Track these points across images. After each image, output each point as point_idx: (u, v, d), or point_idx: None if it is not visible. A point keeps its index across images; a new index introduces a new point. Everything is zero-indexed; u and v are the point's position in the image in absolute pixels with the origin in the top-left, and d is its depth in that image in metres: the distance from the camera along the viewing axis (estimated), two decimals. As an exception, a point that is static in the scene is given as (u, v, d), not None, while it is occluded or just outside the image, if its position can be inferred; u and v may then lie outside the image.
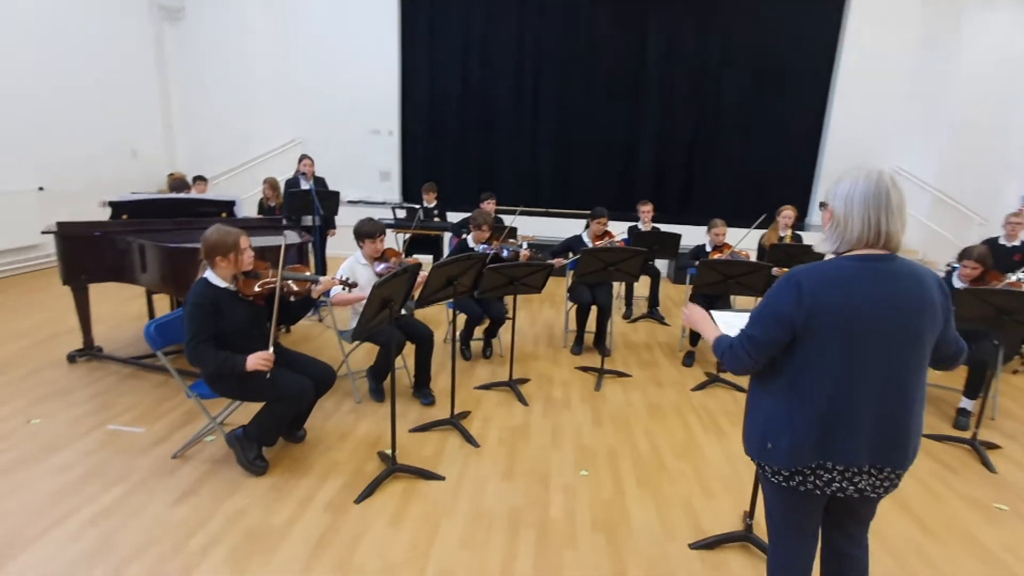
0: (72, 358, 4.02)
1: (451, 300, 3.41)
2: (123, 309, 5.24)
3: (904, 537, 2.56)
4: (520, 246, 4.43)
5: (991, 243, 4.93)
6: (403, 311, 3.63)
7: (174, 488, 2.64)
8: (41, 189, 6.59)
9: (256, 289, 2.66)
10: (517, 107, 8.74)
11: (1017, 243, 4.93)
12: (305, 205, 5.44)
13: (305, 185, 5.66)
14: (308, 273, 2.82)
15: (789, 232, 5.68)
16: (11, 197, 6.25)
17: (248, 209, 7.49)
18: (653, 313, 5.88)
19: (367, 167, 8.93)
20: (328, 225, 6.06)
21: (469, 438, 3.19)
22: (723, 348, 1.63)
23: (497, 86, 8.67)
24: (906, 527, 2.64)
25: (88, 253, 3.76)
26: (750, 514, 2.50)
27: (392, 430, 2.79)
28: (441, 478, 2.81)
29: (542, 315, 5.84)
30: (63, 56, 6.81)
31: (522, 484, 2.81)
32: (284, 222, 4.37)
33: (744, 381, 4.18)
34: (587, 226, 4.96)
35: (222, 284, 2.61)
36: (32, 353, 4.15)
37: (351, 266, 3.49)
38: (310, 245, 4.08)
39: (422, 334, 3.56)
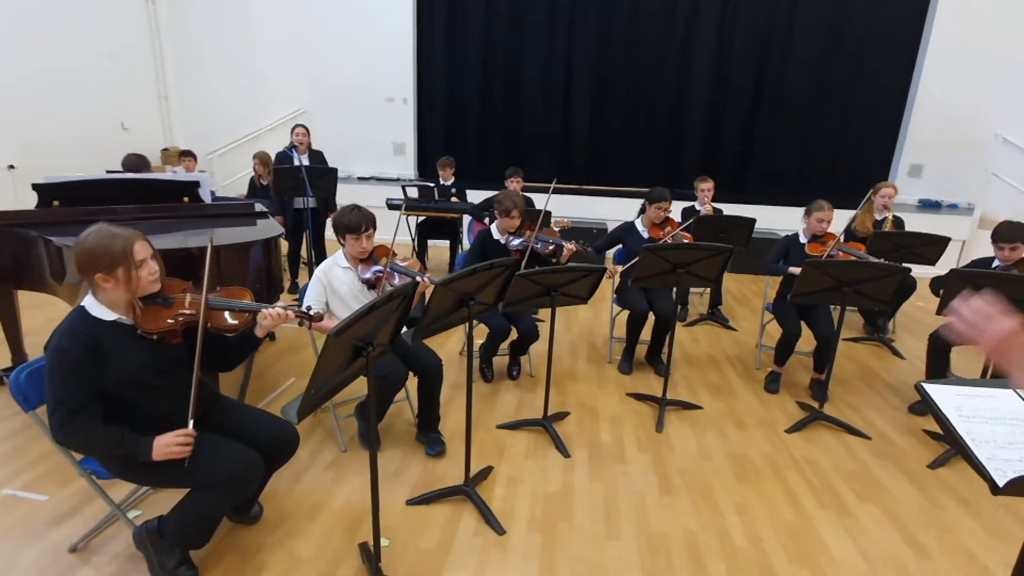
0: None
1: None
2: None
3: None
4: (561, 240, 3.42)
5: None
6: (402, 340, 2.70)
7: (55, 612, 1.80)
8: (12, 167, 5.85)
9: (167, 323, 1.74)
10: (547, 68, 7.59)
11: None
12: (296, 184, 4.53)
13: (297, 160, 4.75)
14: (248, 301, 1.86)
15: (889, 215, 4.58)
16: (-26, 176, 5.52)
17: (239, 188, 6.66)
18: (715, 314, 4.84)
19: (379, 139, 7.98)
20: (327, 208, 5.16)
21: (490, 519, 2.27)
22: None
23: (525, 45, 7.54)
24: None
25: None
26: None
27: (375, 524, 1.89)
28: (447, 596, 1.92)
29: (578, 317, 4.86)
30: (46, 23, 5.99)
31: (567, 607, 1.90)
32: (256, 208, 3.42)
33: (866, 423, 3.15)
34: (641, 211, 3.91)
35: (109, 316, 1.69)
36: (-43, 370, 3.39)
37: (328, 270, 2.56)
38: (279, 241, 3.14)
39: (427, 363, 2.64)
